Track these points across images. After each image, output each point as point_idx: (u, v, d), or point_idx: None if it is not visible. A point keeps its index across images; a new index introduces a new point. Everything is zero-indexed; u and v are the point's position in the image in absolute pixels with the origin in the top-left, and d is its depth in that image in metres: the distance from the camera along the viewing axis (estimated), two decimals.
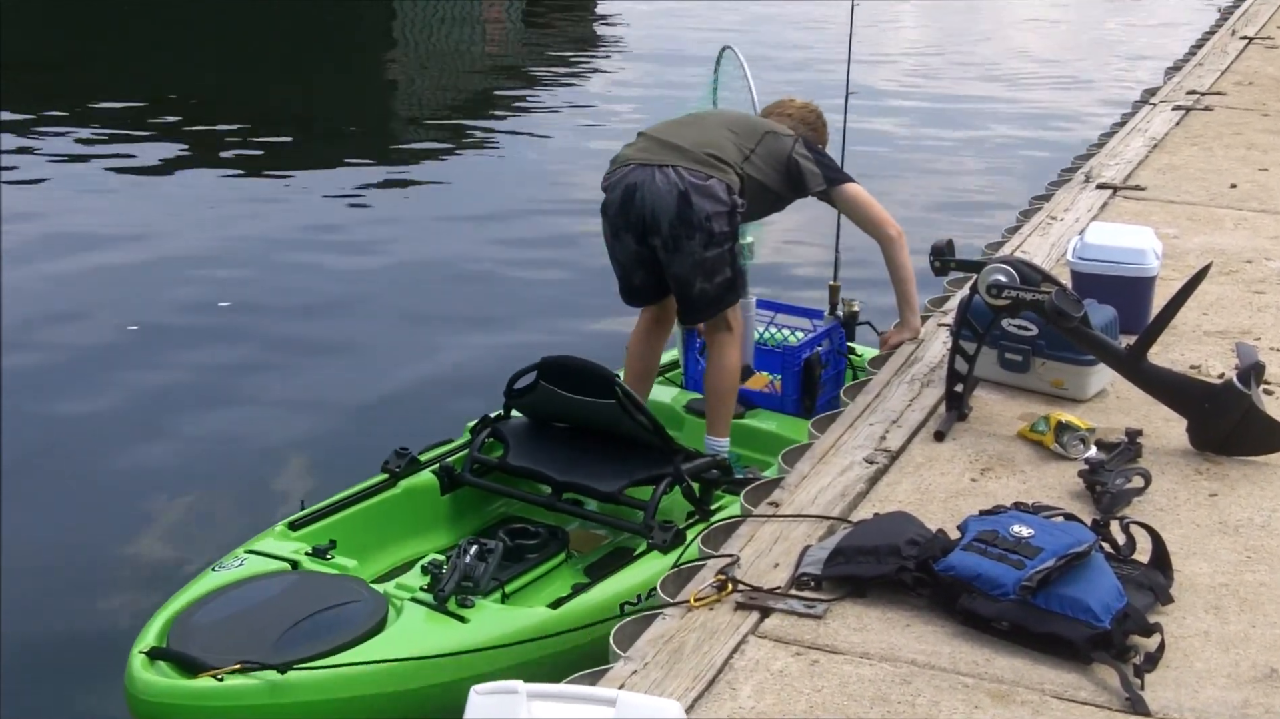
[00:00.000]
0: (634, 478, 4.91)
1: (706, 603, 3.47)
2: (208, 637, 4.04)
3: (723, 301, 5.19)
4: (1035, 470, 4.21)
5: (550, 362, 5.08)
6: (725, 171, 5.05)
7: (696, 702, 3.09)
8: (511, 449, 5.12)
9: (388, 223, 10.57)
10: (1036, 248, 6.24)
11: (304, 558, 4.54)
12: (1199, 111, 9.18)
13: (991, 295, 4.41)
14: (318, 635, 4.06)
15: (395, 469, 5.06)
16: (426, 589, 4.32)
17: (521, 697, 2.61)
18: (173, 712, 3.84)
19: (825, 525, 3.85)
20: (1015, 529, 3.41)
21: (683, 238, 5.04)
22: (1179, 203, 7.05)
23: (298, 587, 4.35)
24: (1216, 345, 5.16)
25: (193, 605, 4.23)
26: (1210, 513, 3.97)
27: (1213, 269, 4.88)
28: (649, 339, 5.56)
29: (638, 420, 4.96)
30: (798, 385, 5.74)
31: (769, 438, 5.62)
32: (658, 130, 5.27)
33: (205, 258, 9.49)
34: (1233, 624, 3.41)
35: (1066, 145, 10.95)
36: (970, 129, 14.06)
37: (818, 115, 5.62)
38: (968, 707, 3.07)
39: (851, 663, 3.24)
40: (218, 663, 3.87)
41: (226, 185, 11.44)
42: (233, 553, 4.59)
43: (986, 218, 10.05)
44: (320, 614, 4.17)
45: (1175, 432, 4.39)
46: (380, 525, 4.94)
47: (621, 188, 5.10)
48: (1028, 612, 3.26)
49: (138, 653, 3.98)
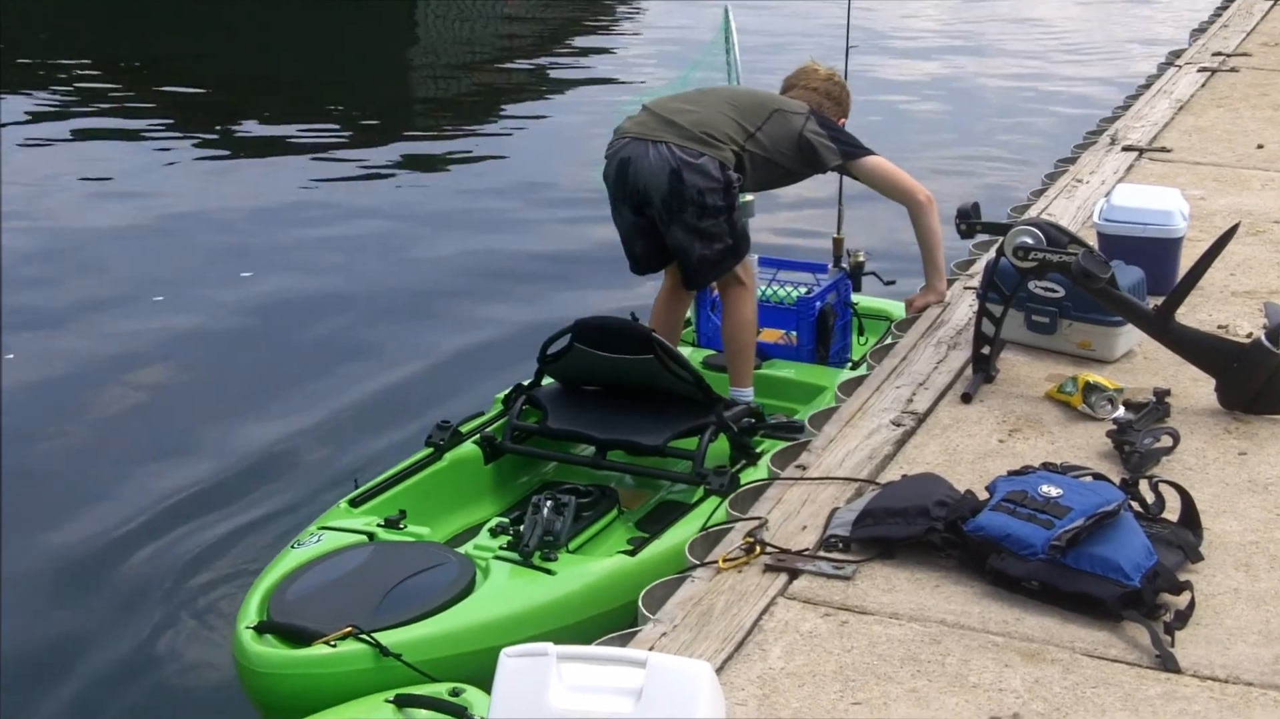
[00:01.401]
0: (677, 430, 5.01)
1: (735, 565, 3.47)
2: (309, 608, 4.13)
3: (723, 265, 5.25)
4: (1063, 431, 4.20)
5: (585, 323, 5.14)
6: (719, 149, 5.09)
7: (726, 663, 3.10)
8: (550, 413, 5.19)
9: (406, 199, 10.59)
10: (1062, 210, 6.22)
11: (378, 530, 4.64)
12: (1224, 73, 9.11)
13: (1018, 257, 4.40)
14: (415, 599, 4.17)
15: (440, 443, 5.12)
16: (506, 548, 4.43)
17: (552, 659, 2.62)
18: (288, 681, 3.93)
19: (853, 488, 3.86)
20: (1044, 489, 3.41)
21: (675, 210, 5.10)
22: (1205, 164, 7.01)
23: (382, 556, 4.45)
24: (1244, 305, 5.14)
25: (284, 581, 4.31)
26: (1239, 471, 3.96)
27: (1240, 229, 4.85)
28: (670, 304, 5.62)
29: (677, 373, 5.05)
30: (813, 335, 5.84)
31: (788, 385, 5.75)
32: (659, 104, 5.30)
33: (224, 232, 9.53)
34: (1263, 581, 3.40)
35: (1092, 108, 10.89)
36: (995, 93, 14.00)
37: (841, 87, 5.62)
38: (998, 665, 3.08)
39: (881, 623, 3.25)
40: (327, 631, 3.96)
41: (253, 160, 11.47)
42: (306, 531, 4.67)
43: (1012, 181, 10.01)
44: (412, 579, 4.27)
45: (1203, 391, 4.38)
46: (433, 497, 5.01)
47: (617, 160, 5.18)
48: (1057, 571, 3.25)
49: (244, 628, 4.07)
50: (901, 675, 3.05)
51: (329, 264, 9.03)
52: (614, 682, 2.60)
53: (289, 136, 12.46)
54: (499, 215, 10.17)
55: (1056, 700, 2.96)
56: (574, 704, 2.56)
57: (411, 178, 11.34)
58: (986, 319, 4.52)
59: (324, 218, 9.95)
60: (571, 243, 9.34)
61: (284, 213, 10.05)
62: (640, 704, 2.53)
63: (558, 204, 10.27)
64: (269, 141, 12.32)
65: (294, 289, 8.55)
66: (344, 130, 12.81)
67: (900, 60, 15.43)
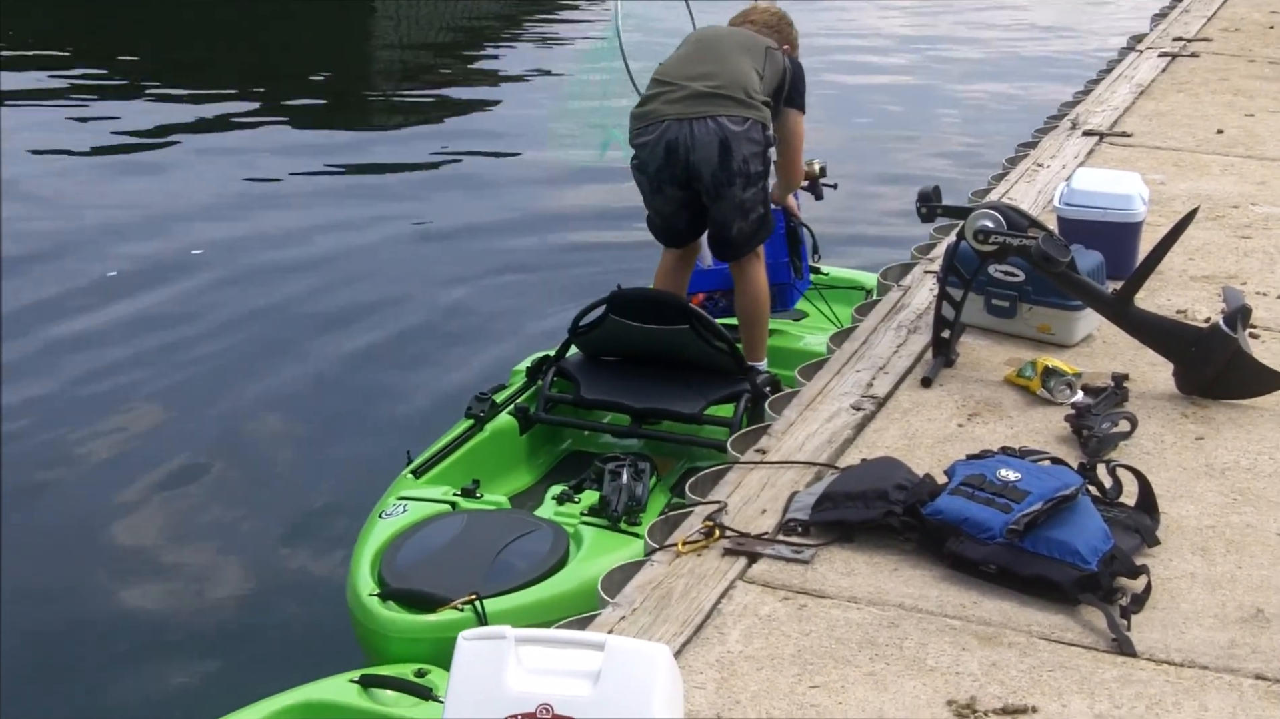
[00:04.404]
0: (712, 398, 5.21)
1: (694, 549, 3.47)
2: (425, 575, 4.28)
3: (756, 238, 5.41)
4: (1022, 415, 4.22)
5: (620, 294, 5.37)
6: (759, 110, 5.17)
7: (685, 646, 3.10)
8: (583, 384, 5.36)
9: (401, 179, 10.58)
10: (1023, 195, 6.23)
11: (458, 499, 4.79)
12: (1185, 58, 9.15)
13: (978, 241, 4.40)
14: (523, 564, 4.34)
15: (480, 414, 5.27)
16: (589, 514, 4.67)
17: (510, 641, 2.60)
18: (420, 646, 4.06)
19: (813, 471, 3.85)
20: (1002, 473, 3.41)
21: (724, 184, 5.22)
22: (1165, 149, 7.04)
23: (477, 524, 4.60)
24: (1203, 290, 5.16)
25: (388, 550, 4.44)
26: (1196, 456, 3.98)
27: (1199, 214, 4.88)
28: (674, 275, 5.70)
29: (713, 344, 5.21)
30: (785, 248, 5.96)
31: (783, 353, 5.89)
32: (679, 74, 5.27)
33: (208, 214, 9.48)
34: (1219, 565, 3.42)
35: (1053, 93, 10.93)
36: (956, 78, 14.02)
37: (783, 19, 5.64)
38: (955, 649, 3.08)
39: (839, 607, 3.25)
40: (449, 597, 4.11)
41: (258, 147, 11.39)
42: (385, 500, 4.79)
43: (973, 166, 10.04)
44: (512, 545, 4.45)
45: (1162, 376, 4.40)
46: (479, 466, 5.15)
47: (663, 144, 5.22)
48: (1015, 554, 3.26)
49: (368, 595, 4.21)
50: (859, 659, 3.06)
51: (322, 244, 9.09)
52: (572, 664, 2.58)
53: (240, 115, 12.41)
54: (515, 178, 10.33)
55: (1013, 684, 2.97)
56: (532, 687, 2.55)
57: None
58: (946, 303, 4.52)
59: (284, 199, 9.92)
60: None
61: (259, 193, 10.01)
62: (598, 687, 2.52)
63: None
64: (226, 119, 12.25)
65: (287, 266, 8.63)
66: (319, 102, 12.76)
67: (861, 44, 15.45)
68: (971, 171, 9.21)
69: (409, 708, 3.71)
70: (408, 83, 14.69)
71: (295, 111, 12.55)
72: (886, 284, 5.43)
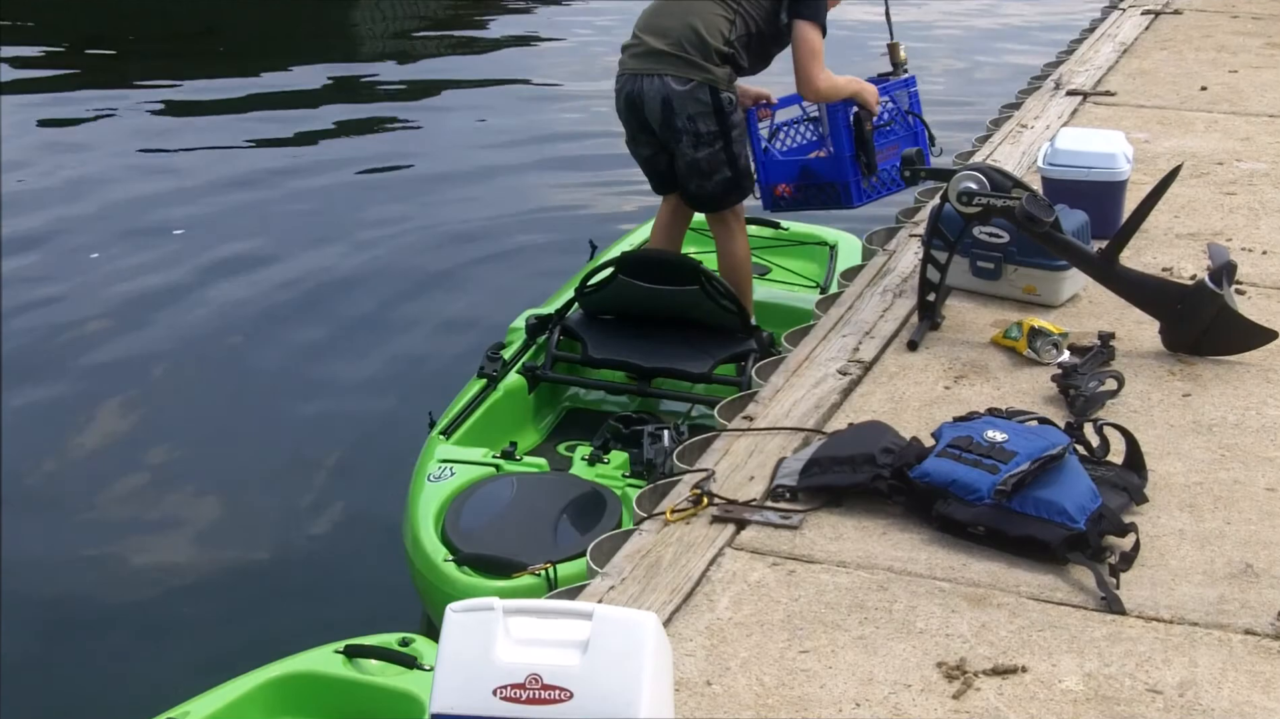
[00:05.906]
0: (719, 357, 5.23)
1: (683, 517, 3.47)
2: (495, 540, 4.30)
3: (726, 199, 5.36)
4: (1008, 377, 4.21)
5: (630, 255, 5.45)
6: (707, 71, 5.10)
7: (675, 614, 3.10)
8: (590, 343, 5.38)
9: (402, 149, 10.55)
10: (1007, 156, 6.22)
11: (500, 462, 4.80)
12: (1168, 15, 9.12)
13: (962, 203, 4.39)
14: (587, 528, 4.34)
15: (493, 374, 5.32)
16: (629, 475, 4.69)
17: (498, 613, 2.60)
18: None
19: (800, 437, 3.85)
20: (989, 434, 3.41)
21: (671, 140, 5.24)
22: (1149, 107, 7.02)
23: (529, 487, 4.61)
24: (1188, 247, 5.15)
25: (449, 515, 4.46)
26: (1184, 413, 3.98)
27: (1183, 171, 4.86)
28: (670, 230, 5.69)
29: (721, 304, 5.25)
30: (849, 141, 5.39)
31: (773, 310, 5.87)
32: (642, 27, 5.34)
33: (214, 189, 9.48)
34: (1207, 522, 3.43)
35: (1035, 53, 10.89)
36: (938, 39, 13.97)
37: None
38: (945, 610, 3.09)
39: (829, 572, 3.25)
40: (525, 561, 4.15)
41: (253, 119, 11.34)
42: (426, 463, 4.79)
43: (957, 127, 10.01)
44: (569, 509, 4.48)
45: (1148, 334, 4.39)
46: (494, 426, 5.18)
47: (624, 97, 5.31)
48: (1003, 515, 3.26)
49: (443, 561, 4.24)
50: (849, 623, 3.06)
51: (326, 215, 9.08)
52: (561, 635, 2.58)
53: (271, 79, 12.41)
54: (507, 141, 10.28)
55: (1003, 644, 2.97)
56: (521, 658, 2.55)
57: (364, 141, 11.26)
58: (931, 266, 4.51)
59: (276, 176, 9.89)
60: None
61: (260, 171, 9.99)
62: (587, 657, 2.51)
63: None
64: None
65: (291, 238, 8.63)
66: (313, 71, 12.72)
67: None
68: (956, 133, 9.17)
69: (394, 677, 3.71)
70: (389, 66, 14.64)
71: (272, 97, 12.49)
72: (871, 248, 5.42)
